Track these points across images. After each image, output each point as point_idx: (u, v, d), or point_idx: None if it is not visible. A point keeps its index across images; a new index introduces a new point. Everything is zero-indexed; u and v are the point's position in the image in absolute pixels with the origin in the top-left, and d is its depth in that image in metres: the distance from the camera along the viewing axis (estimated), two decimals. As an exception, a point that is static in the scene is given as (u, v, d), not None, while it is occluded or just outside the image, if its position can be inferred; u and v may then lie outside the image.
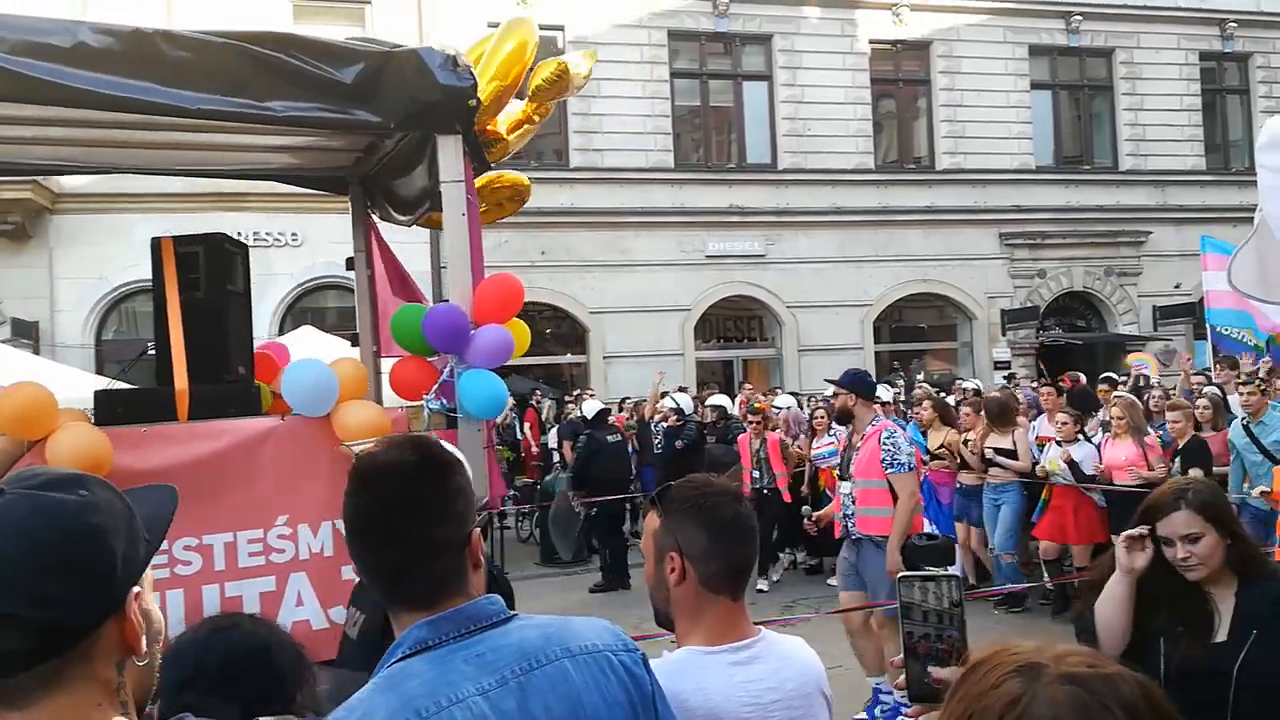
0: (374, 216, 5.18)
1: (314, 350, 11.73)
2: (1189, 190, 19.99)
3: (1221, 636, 2.45)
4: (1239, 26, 20.33)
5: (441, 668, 1.42)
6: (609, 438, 10.85)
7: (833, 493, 9.03)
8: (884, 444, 5.90)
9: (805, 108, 18.13)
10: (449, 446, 1.69)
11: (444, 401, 3.81)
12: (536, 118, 4.48)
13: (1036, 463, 8.50)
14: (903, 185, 18.77)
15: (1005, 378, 15.97)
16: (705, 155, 18.40)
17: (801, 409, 12.16)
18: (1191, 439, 7.72)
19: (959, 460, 9.09)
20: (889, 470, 5.85)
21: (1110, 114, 20.08)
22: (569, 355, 17.83)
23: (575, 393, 15.01)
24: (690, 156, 18.18)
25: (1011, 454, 8.59)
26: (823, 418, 9.86)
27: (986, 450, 8.70)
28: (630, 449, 11.82)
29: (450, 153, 3.74)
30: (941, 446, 9.30)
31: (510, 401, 15.06)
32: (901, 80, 19.29)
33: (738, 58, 18.48)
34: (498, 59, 4.01)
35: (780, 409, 11.91)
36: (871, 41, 18.65)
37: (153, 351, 4.07)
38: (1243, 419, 7.54)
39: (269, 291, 15.34)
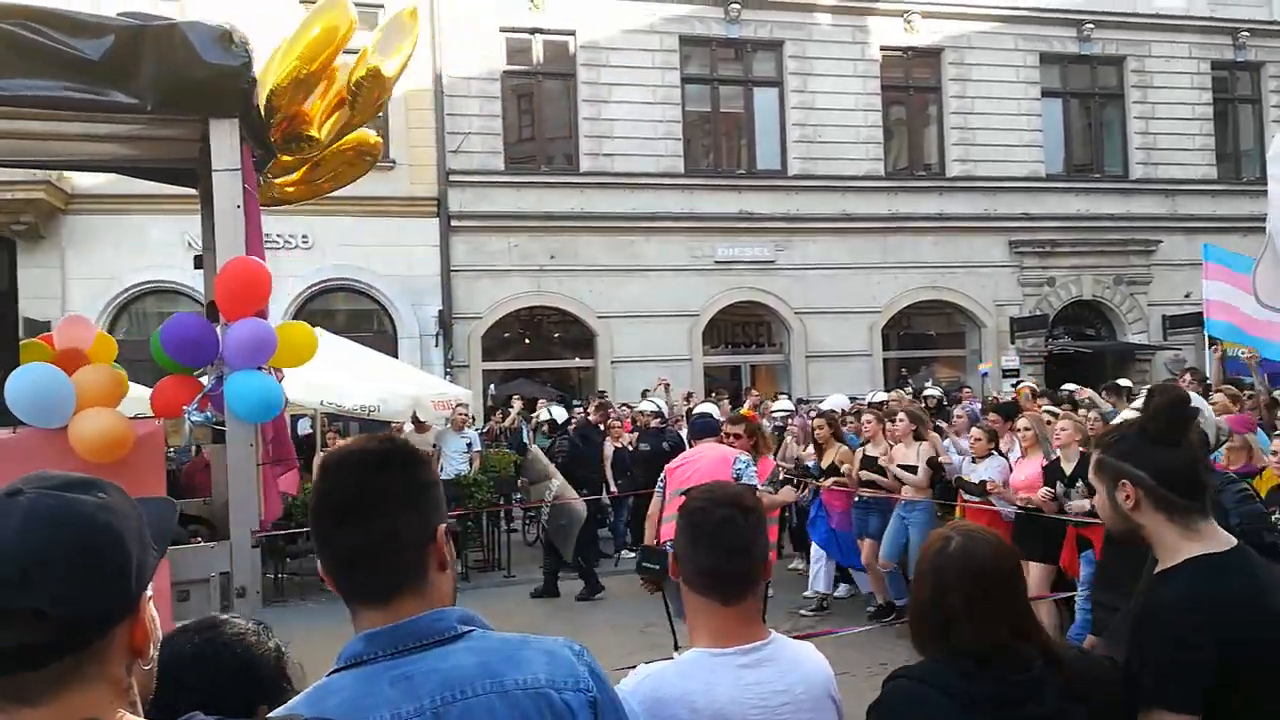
0: None
1: (325, 352, 11.78)
2: (1199, 199, 19.94)
3: None
4: (1251, 36, 20.28)
5: (366, 687, 1.37)
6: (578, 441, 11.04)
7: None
8: None
9: (816, 114, 18.13)
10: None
11: (209, 414, 3.49)
12: (357, 120, 4.19)
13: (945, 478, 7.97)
14: (912, 192, 18.76)
15: (1013, 385, 15.92)
16: (715, 161, 18.43)
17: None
18: (1086, 456, 6.79)
19: (857, 478, 8.50)
20: None
21: (1121, 122, 20.04)
22: (577, 359, 17.86)
23: (604, 396, 15.00)
24: (700, 162, 18.21)
25: (914, 469, 8.06)
26: (824, 428, 9.39)
27: (891, 465, 8.16)
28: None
29: (223, 138, 3.40)
30: (835, 464, 8.78)
31: (518, 404, 15.13)
32: (912, 87, 19.29)
33: (749, 64, 18.50)
34: (303, 41, 3.73)
35: (782, 414, 11.80)
36: (883, 48, 18.65)
37: None
38: None
39: (279, 294, 15.36)
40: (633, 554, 11.24)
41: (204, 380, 3.57)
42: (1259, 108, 20.89)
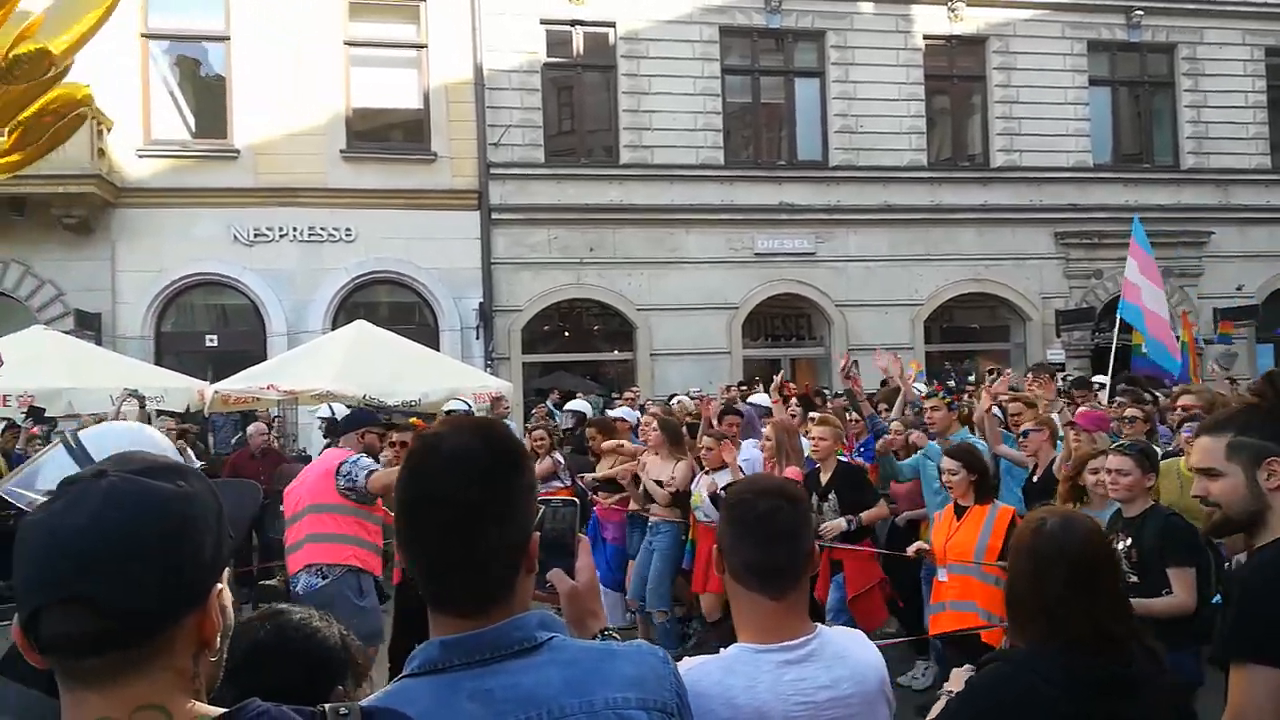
0: None
1: (369, 344, 11.88)
2: (1253, 189, 19.45)
3: None
4: (1308, 21, 19.74)
5: (444, 699, 1.29)
6: None
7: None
8: None
9: (857, 104, 17.95)
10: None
11: None
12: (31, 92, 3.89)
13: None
14: (956, 183, 18.51)
15: (1065, 380, 15.67)
16: (756, 152, 18.30)
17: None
18: (841, 465, 6.32)
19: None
20: None
21: (1171, 111, 19.60)
22: (616, 352, 17.86)
23: (632, 391, 15.00)
24: (741, 153, 18.10)
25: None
26: (596, 437, 8.10)
27: (648, 482, 7.10)
28: None
29: None
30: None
31: (555, 395, 15.16)
32: (956, 76, 18.99)
33: (790, 54, 18.35)
34: None
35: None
36: (926, 37, 18.40)
37: None
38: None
39: (322, 286, 15.57)
40: None
41: None
42: (1316, 95, 20.36)
